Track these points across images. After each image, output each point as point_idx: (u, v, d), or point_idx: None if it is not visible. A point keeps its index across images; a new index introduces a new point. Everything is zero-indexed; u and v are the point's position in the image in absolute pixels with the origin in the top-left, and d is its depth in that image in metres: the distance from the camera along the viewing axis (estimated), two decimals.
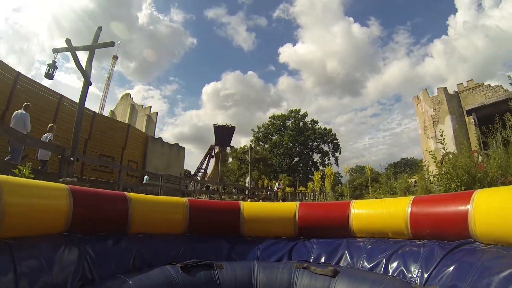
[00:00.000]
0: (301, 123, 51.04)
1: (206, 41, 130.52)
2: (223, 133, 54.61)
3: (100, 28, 8.77)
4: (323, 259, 2.61)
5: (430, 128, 24.64)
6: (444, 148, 7.13)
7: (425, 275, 1.93)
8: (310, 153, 51.13)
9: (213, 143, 55.91)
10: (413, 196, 2.36)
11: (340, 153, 51.35)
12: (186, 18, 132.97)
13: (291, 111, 52.17)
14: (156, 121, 31.01)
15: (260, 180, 30.85)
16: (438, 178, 6.90)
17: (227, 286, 2.41)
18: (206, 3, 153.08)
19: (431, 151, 7.91)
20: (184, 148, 26.63)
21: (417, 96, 26.94)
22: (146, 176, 17.13)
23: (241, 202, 3.05)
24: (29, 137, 8.00)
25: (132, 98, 35.49)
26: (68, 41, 8.34)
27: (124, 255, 2.25)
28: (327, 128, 51.86)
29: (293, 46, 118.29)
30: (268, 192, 22.83)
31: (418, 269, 2.00)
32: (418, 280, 1.96)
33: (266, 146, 50.26)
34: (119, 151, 18.90)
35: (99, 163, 15.63)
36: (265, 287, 2.45)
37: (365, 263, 2.36)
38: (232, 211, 2.95)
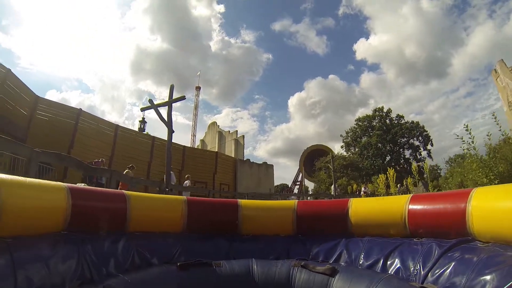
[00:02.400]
0: (387, 121, 49.11)
1: (280, 54, 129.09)
2: (315, 152, 54.79)
3: (172, 86, 10.98)
4: (321, 257, 2.61)
5: None
6: None
7: (424, 273, 1.93)
8: (401, 150, 48.77)
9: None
10: (411, 194, 2.39)
11: (432, 145, 48.31)
12: (256, 36, 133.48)
13: (375, 110, 50.37)
14: (243, 144, 31.91)
15: (349, 186, 29.87)
16: (476, 171, 6.21)
17: (225, 284, 2.41)
18: (271, 17, 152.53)
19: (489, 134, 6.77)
20: (272, 166, 27.47)
21: (494, 69, 23.83)
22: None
23: (239, 200, 3.04)
24: (134, 178, 11.05)
25: (219, 125, 37.13)
26: (150, 100, 10.91)
27: (123, 254, 2.24)
28: (414, 121, 49.35)
29: (366, 40, 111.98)
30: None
31: (416, 267, 2.00)
32: (416, 278, 1.96)
33: (357, 149, 48.62)
34: (211, 176, 20.92)
35: (191, 190, 16.49)
36: (263, 286, 2.46)
37: (364, 261, 2.36)
38: (231, 209, 2.95)
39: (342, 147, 50.03)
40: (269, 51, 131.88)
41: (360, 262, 2.38)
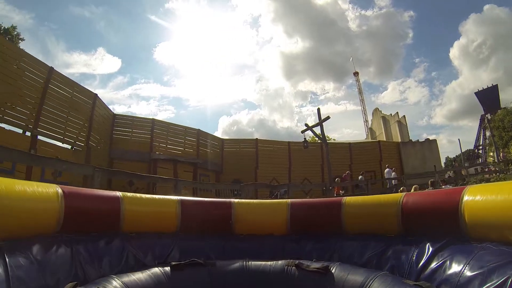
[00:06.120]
0: None
1: (421, 6, 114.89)
2: (489, 97, 46.15)
3: (319, 109, 15.69)
4: (315, 256, 2.58)
5: None
6: None
7: (417, 271, 1.95)
8: None
9: (483, 113, 47.53)
10: (405, 193, 2.41)
11: None
12: None
13: None
14: (406, 124, 31.76)
15: None
16: None
17: (219, 284, 2.40)
18: None
19: None
20: (435, 140, 25.77)
21: None
22: None
23: (233, 200, 3.00)
24: (299, 185, 16.89)
25: (381, 111, 37.52)
26: (306, 124, 16.29)
27: (116, 255, 2.22)
28: None
29: None
30: None
31: (410, 265, 2.03)
32: (410, 276, 1.97)
33: None
34: (377, 164, 21.78)
35: (341, 184, 17.02)
36: (257, 285, 2.45)
37: (358, 260, 2.38)
38: (224, 208, 2.92)
39: None
40: (408, 8, 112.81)
41: (355, 260, 2.38)
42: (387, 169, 17.73)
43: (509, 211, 1.60)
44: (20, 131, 10.31)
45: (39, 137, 10.74)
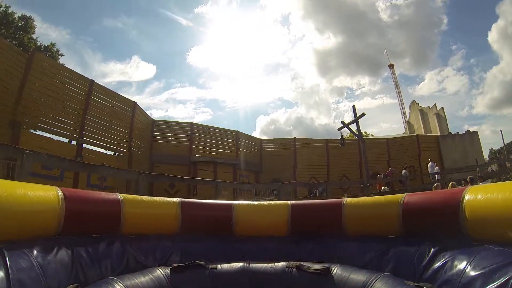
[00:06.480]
0: None
1: None
2: None
3: (353, 106, 15.68)
4: (316, 258, 2.55)
5: None
6: None
7: (418, 271, 1.92)
8: None
9: None
10: (406, 194, 2.36)
11: None
12: None
13: None
14: (445, 116, 30.55)
15: None
16: None
17: (220, 286, 2.39)
18: None
19: None
20: (476, 132, 24.68)
21: None
22: None
23: (233, 202, 3.00)
24: (335, 182, 17.09)
25: (418, 103, 36.80)
26: (342, 122, 16.31)
27: (117, 257, 2.25)
28: None
29: None
30: None
31: (411, 266, 1.99)
32: (411, 277, 1.93)
33: None
34: (416, 159, 21.68)
35: (385, 180, 17.44)
36: (258, 286, 2.44)
37: (359, 261, 2.33)
38: (225, 211, 2.90)
39: None
40: None
41: (356, 262, 2.34)
42: (430, 163, 17.35)
43: (510, 211, 1.57)
44: (66, 140, 11.11)
45: (84, 145, 11.52)
